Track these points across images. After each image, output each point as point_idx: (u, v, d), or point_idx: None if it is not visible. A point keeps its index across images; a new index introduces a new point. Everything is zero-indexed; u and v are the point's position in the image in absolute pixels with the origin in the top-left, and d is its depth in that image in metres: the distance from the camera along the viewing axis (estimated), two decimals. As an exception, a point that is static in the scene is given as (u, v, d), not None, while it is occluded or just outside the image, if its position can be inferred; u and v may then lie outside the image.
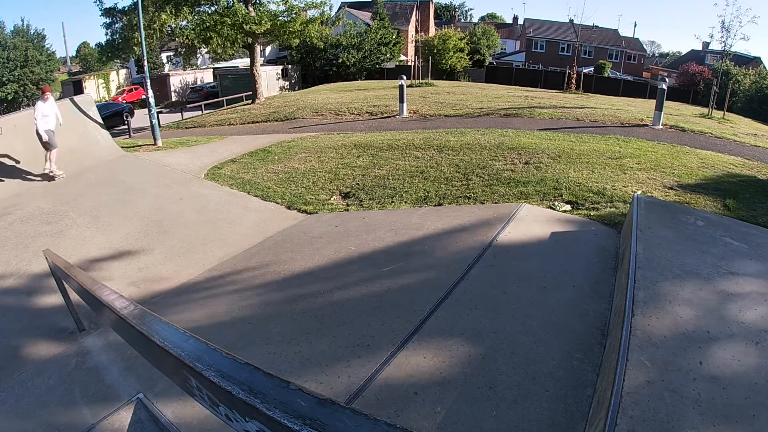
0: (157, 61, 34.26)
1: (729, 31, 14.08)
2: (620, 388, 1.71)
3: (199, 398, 0.92)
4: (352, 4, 38.53)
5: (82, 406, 2.45)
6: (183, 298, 3.70)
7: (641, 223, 3.13)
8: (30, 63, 28.80)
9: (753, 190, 4.90)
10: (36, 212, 5.54)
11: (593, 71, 32.23)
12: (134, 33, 14.90)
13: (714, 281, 2.48)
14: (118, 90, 34.24)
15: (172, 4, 15.57)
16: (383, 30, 31.67)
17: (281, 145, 8.47)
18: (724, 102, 13.46)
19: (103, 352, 2.96)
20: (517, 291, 2.93)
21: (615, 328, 2.29)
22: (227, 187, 6.32)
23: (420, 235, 4.00)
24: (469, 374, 2.25)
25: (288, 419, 0.68)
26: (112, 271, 4.19)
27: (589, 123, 9.29)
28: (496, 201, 4.85)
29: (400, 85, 11.03)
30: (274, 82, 27.33)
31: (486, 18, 61.64)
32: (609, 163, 5.82)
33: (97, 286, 1.68)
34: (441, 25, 44.90)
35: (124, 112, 19.62)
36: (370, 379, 2.26)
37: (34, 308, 3.71)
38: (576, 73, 19.16)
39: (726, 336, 2.04)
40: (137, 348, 1.26)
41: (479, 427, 1.95)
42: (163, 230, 5.01)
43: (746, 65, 26.39)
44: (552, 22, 40.83)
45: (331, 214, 5.11)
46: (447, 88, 17.69)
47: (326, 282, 3.41)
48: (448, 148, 7.00)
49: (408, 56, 36.39)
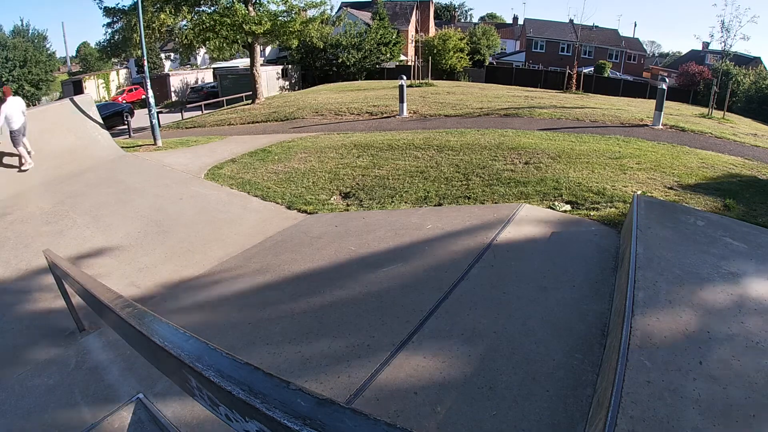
0: (157, 61, 34.27)
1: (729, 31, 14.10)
2: (620, 388, 1.71)
3: (199, 398, 0.92)
4: (352, 4, 38.54)
5: (82, 406, 2.45)
6: (183, 297, 3.70)
7: (641, 223, 3.13)
8: (29, 63, 28.79)
9: (753, 190, 4.90)
10: (36, 212, 5.54)
11: (593, 71, 32.22)
12: (134, 33, 14.90)
13: (714, 281, 2.48)
14: (118, 90, 34.22)
15: (172, 4, 15.56)
16: (383, 30, 31.66)
17: (281, 145, 8.47)
18: (724, 102, 13.46)
19: (103, 352, 2.96)
20: (517, 291, 2.93)
21: (615, 328, 2.29)
22: (227, 187, 6.32)
23: (420, 235, 4.00)
24: (469, 374, 2.25)
25: (288, 419, 0.68)
26: (112, 271, 4.19)
27: (589, 123, 9.29)
28: (496, 201, 4.85)
29: (400, 85, 11.03)
30: (274, 82, 27.33)
31: (486, 18, 61.63)
32: (609, 163, 5.82)
33: (97, 286, 1.68)
34: (441, 25, 44.89)
35: (124, 112, 19.60)
36: (370, 379, 2.26)
37: (34, 308, 3.71)
38: (576, 73, 19.17)
39: (726, 336, 2.04)
40: (137, 348, 1.26)
41: (479, 427, 1.95)
42: (163, 230, 5.01)
43: (746, 65, 26.38)
44: (552, 22, 40.81)
45: (331, 214, 5.11)
46: (447, 88, 17.69)
47: (326, 282, 3.41)
48: (448, 148, 7.00)
49: (408, 56, 36.39)
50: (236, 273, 3.93)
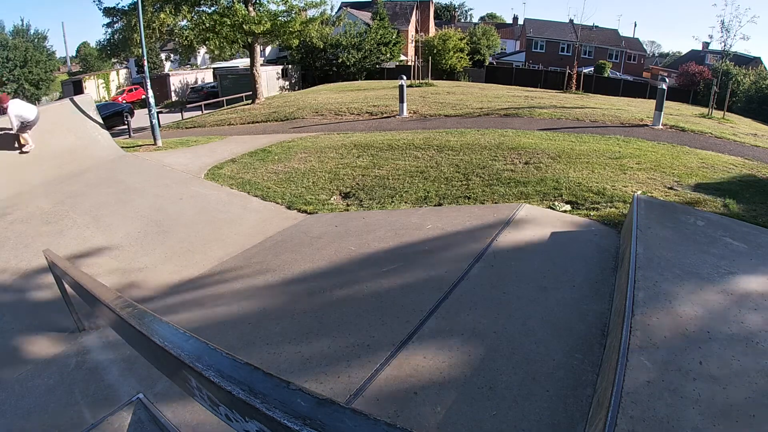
0: (157, 61, 34.28)
1: (729, 31, 14.11)
2: (620, 388, 1.71)
3: (199, 398, 0.92)
4: (352, 4, 38.54)
5: (82, 406, 2.45)
6: (183, 297, 3.70)
7: (641, 223, 3.13)
8: (29, 63, 28.80)
9: (753, 190, 4.90)
10: (36, 212, 5.54)
11: (593, 71, 32.23)
12: (134, 33, 14.90)
13: (714, 281, 2.48)
14: (118, 90, 34.24)
15: (172, 4, 15.56)
16: (383, 30, 31.67)
17: (281, 145, 8.47)
18: (724, 102, 13.46)
19: (103, 352, 2.96)
20: (517, 291, 2.93)
21: (615, 328, 2.29)
22: (227, 187, 6.32)
23: (420, 235, 3.99)
24: (469, 374, 2.25)
25: (288, 419, 0.68)
26: (113, 271, 4.19)
27: (589, 123, 9.29)
28: (496, 201, 4.85)
29: (400, 85, 11.03)
30: (274, 82, 27.33)
31: (486, 18, 61.65)
32: (609, 163, 5.82)
33: (97, 286, 1.68)
34: (441, 25, 44.90)
35: (124, 112, 19.60)
36: (370, 379, 2.26)
37: (34, 308, 3.70)
38: (576, 73, 19.17)
39: (726, 336, 2.04)
40: (137, 348, 1.26)
41: (479, 427, 1.95)
42: (163, 230, 5.01)
43: (746, 65, 26.39)
44: (552, 22, 40.82)
45: (331, 214, 5.11)
46: (447, 88, 17.69)
47: (326, 282, 3.41)
48: (448, 148, 7.00)
49: (408, 56, 36.39)
50: (236, 273, 3.93)
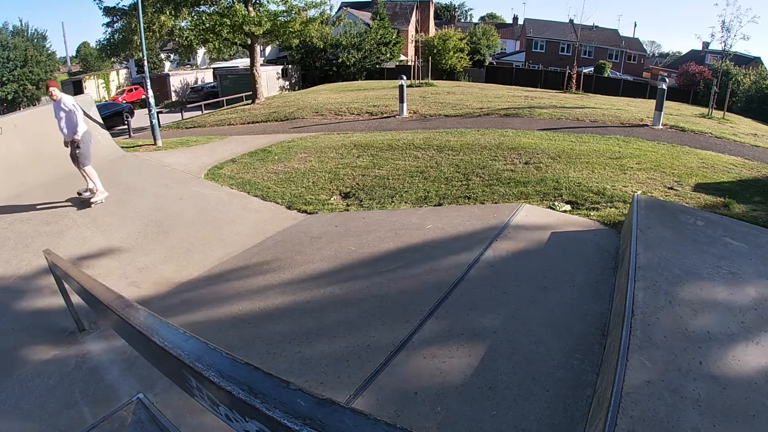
0: (157, 61, 34.27)
1: (729, 31, 14.09)
2: (620, 388, 1.71)
3: (199, 398, 0.92)
4: (352, 4, 38.53)
5: (82, 406, 2.45)
6: (183, 298, 3.70)
7: (641, 223, 3.13)
8: (30, 63, 28.82)
9: (753, 190, 4.90)
10: (36, 212, 5.54)
11: (593, 71, 32.22)
12: (134, 35, 14.89)
13: (714, 281, 2.48)
14: (118, 90, 34.24)
15: (172, 5, 15.55)
16: (383, 30, 31.67)
17: (281, 145, 8.47)
18: (724, 102, 13.45)
19: (103, 352, 2.96)
20: (517, 291, 2.93)
21: (615, 328, 2.29)
22: (227, 187, 6.32)
23: (420, 235, 3.99)
24: (469, 374, 2.25)
25: (288, 419, 0.68)
26: (112, 271, 4.19)
27: (589, 123, 9.29)
28: (496, 201, 4.85)
29: (400, 85, 11.03)
30: (274, 82, 27.32)
31: (486, 18, 61.63)
32: (609, 163, 5.82)
33: (97, 286, 1.68)
34: (441, 25, 44.87)
35: (124, 112, 19.62)
36: (370, 379, 2.26)
37: (34, 308, 3.70)
38: (576, 73, 19.15)
39: (726, 336, 2.04)
40: (137, 348, 1.26)
41: (479, 427, 1.95)
42: (163, 230, 5.01)
43: (746, 65, 26.38)
44: (552, 22, 40.81)
45: (331, 214, 5.11)
46: (447, 88, 17.69)
47: (326, 282, 3.41)
48: (448, 148, 7.00)
49: (408, 56, 36.38)
50: (236, 273, 3.93)
